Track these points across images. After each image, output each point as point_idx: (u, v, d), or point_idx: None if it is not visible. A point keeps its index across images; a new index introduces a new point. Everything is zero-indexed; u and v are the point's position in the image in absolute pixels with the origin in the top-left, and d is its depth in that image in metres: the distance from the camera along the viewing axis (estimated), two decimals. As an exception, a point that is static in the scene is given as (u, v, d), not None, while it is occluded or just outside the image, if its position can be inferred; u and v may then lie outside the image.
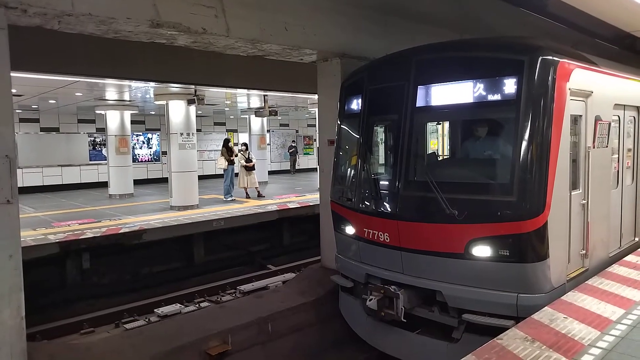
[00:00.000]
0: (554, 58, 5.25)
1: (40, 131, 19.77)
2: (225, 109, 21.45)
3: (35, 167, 19.46)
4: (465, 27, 9.15)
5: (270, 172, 24.38)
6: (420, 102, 5.87)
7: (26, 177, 18.85)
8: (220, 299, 9.73)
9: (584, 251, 5.95)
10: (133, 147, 20.85)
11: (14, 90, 5.94)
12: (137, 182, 18.98)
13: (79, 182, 20.45)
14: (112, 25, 5.76)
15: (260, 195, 16.40)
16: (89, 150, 21.19)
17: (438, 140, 8.22)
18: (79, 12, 5.26)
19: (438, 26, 8.91)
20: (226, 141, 16.51)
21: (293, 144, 28.07)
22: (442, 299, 5.55)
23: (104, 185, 18.81)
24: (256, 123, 21.84)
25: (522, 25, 9.50)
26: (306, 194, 16.83)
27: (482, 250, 5.15)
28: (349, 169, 7.03)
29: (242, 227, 12.61)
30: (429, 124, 6.90)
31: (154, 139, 23.38)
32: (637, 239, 7.67)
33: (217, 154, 17.59)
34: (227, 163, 15.72)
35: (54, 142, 20.12)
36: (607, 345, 3.96)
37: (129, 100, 16.58)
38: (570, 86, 5.41)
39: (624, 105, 7.07)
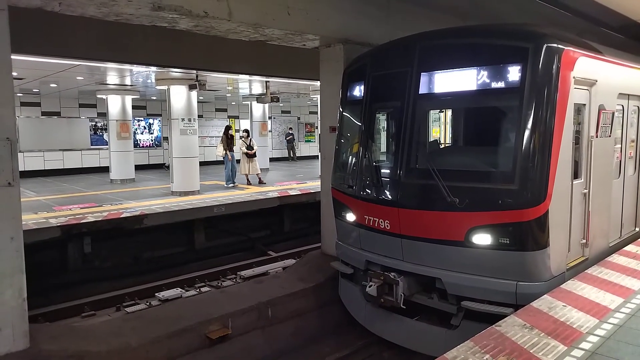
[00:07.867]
0: (559, 46, 5.21)
1: (42, 115, 19.73)
2: (227, 95, 21.34)
3: (37, 151, 19.46)
4: (469, 13, 9.06)
5: (272, 159, 24.34)
6: (423, 89, 5.83)
7: (27, 161, 18.87)
8: (221, 284, 9.79)
9: (584, 240, 5.96)
10: (134, 133, 20.80)
11: (14, 74, 5.90)
12: (138, 168, 18.97)
13: (80, 166, 20.44)
14: (113, 7, 5.70)
15: (261, 182, 16.39)
16: (90, 135, 21.14)
17: (440, 128, 8.18)
18: (80, -6, 5.23)
19: (441, 12, 8.82)
20: (227, 128, 16.43)
21: (290, 132, 27.88)
22: (442, 286, 5.57)
23: (105, 170, 18.80)
24: (258, 109, 21.75)
25: (526, 12, 9.39)
26: (307, 181, 16.83)
27: (482, 238, 5.16)
28: (350, 156, 7.01)
29: (243, 214, 12.63)
30: (431, 111, 6.86)
31: (156, 124, 23.32)
32: (637, 229, 7.67)
33: (219, 140, 17.52)
34: (224, 151, 15.69)
35: (55, 126, 20.06)
36: (605, 333, 3.98)
37: (131, 85, 16.49)
38: (574, 74, 5.36)
39: (628, 95, 7.02)
